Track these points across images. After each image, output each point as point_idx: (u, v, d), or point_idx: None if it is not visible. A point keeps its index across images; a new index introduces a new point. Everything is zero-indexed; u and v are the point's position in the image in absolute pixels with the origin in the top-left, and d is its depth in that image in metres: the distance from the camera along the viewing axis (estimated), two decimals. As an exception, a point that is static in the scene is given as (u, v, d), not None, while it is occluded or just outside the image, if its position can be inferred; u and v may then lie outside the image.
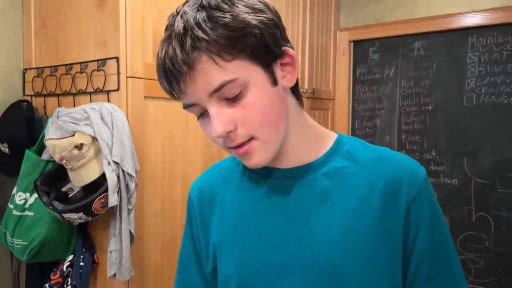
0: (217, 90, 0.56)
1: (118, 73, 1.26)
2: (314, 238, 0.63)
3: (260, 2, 0.59)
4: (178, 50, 0.55)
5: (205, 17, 0.55)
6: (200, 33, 0.54)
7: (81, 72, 1.35)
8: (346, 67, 2.61)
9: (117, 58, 1.25)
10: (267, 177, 0.69)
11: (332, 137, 0.70)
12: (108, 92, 1.28)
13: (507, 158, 2.15)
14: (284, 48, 0.61)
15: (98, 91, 1.30)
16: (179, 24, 0.56)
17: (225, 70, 0.55)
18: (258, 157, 0.61)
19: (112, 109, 1.24)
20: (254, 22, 0.56)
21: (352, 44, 2.60)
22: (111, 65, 1.27)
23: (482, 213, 2.21)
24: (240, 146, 0.60)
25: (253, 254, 0.67)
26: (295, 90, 0.67)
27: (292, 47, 0.63)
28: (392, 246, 0.62)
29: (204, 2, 0.57)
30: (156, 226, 1.39)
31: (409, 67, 2.43)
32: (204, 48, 0.54)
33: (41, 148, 1.36)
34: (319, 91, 2.41)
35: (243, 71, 0.56)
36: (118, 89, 1.26)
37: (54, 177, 1.29)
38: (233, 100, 0.57)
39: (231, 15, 0.55)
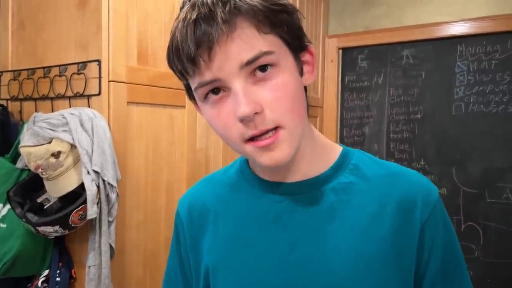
0: (251, 61, 0.50)
1: (100, 77, 1.19)
2: (321, 260, 0.57)
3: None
4: (218, 10, 0.49)
5: None
6: None
7: (60, 76, 1.27)
8: (334, 74, 2.58)
9: (98, 61, 1.19)
10: (268, 192, 0.63)
11: (337, 149, 0.65)
12: (88, 96, 1.21)
13: (495, 167, 2.14)
14: (307, 43, 0.58)
15: (78, 95, 1.23)
16: None
17: (263, 41, 0.51)
18: (283, 151, 0.53)
19: (93, 115, 1.17)
20: (289, 4, 0.54)
21: (340, 51, 2.58)
22: (92, 68, 1.20)
23: (471, 223, 2.19)
24: (263, 136, 0.52)
25: (253, 278, 0.60)
26: (305, 96, 0.61)
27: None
28: (404, 270, 0.57)
29: None
30: (138, 238, 1.32)
31: (397, 75, 2.41)
32: (246, 12, 0.50)
33: (16, 155, 1.27)
34: (308, 98, 2.36)
35: (278, 48, 0.52)
36: (99, 94, 1.20)
37: (29, 187, 1.21)
38: (261, 80, 0.52)
39: None
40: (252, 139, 0.53)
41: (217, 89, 0.53)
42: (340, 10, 2.58)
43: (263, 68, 0.51)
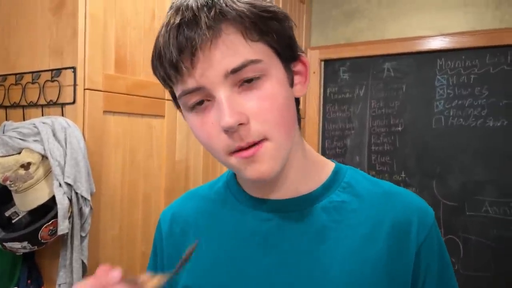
0: (236, 70, 0.47)
1: (75, 85, 1.14)
2: (310, 284, 0.54)
3: None
4: (202, 15, 0.46)
5: None
6: (229, 2, 0.47)
7: (32, 83, 1.21)
8: (316, 86, 2.58)
9: (74, 68, 1.14)
10: (255, 208, 0.59)
11: (329, 166, 0.61)
12: (62, 105, 1.16)
13: (474, 180, 2.15)
14: (300, 53, 0.55)
15: (51, 103, 1.18)
16: None
17: (250, 49, 0.48)
18: (267, 164, 0.50)
19: (66, 124, 1.11)
20: (280, 11, 0.51)
21: (323, 63, 2.58)
22: (67, 76, 1.15)
23: (451, 236, 2.20)
24: (248, 148, 0.49)
25: None
26: (297, 108, 0.58)
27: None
28: None
29: None
30: (113, 254, 1.26)
31: (379, 87, 2.42)
32: (233, 18, 0.47)
33: (-17, 166, 1.20)
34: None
35: (267, 56, 0.49)
36: (74, 102, 1.14)
37: (-4, 199, 1.14)
38: (248, 89, 0.49)
39: None
40: (236, 150, 0.50)
41: (202, 100, 0.50)
42: (323, 22, 2.59)
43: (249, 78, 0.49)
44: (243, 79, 0.48)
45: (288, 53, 0.53)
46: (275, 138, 0.50)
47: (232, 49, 0.47)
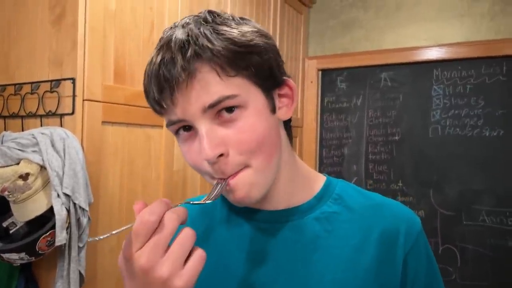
0: (213, 105, 0.50)
1: (74, 96, 1.14)
2: None
3: (264, 29, 0.56)
4: (178, 57, 0.49)
5: (211, 30, 0.51)
6: (205, 42, 0.49)
7: (32, 93, 1.22)
8: (314, 95, 2.59)
9: (73, 79, 1.14)
10: (250, 219, 0.61)
11: (320, 179, 0.64)
12: (61, 116, 1.16)
13: (471, 189, 2.16)
14: (285, 78, 0.57)
15: (50, 114, 1.18)
16: (180, 33, 0.51)
17: (226, 85, 0.50)
18: (244, 192, 0.53)
19: (65, 135, 1.12)
20: (261, 43, 0.52)
21: (320, 72, 2.59)
22: (66, 87, 1.16)
23: (448, 245, 2.20)
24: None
25: None
26: (287, 126, 0.61)
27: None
28: None
29: (208, 17, 0.52)
30: (111, 264, 1.25)
31: (376, 97, 2.44)
32: (208, 58, 0.50)
33: (-19, 176, 1.20)
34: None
35: (244, 90, 0.51)
36: (73, 113, 1.15)
37: (-6, 210, 1.14)
38: (228, 121, 0.51)
39: (238, 31, 0.52)
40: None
41: (188, 126, 0.53)
42: (320, 33, 2.61)
43: (229, 109, 0.51)
44: (221, 112, 0.51)
45: (269, 82, 0.55)
46: (254, 165, 0.53)
47: (206, 88, 0.50)
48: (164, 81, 0.50)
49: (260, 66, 0.52)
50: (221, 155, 0.51)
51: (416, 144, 2.31)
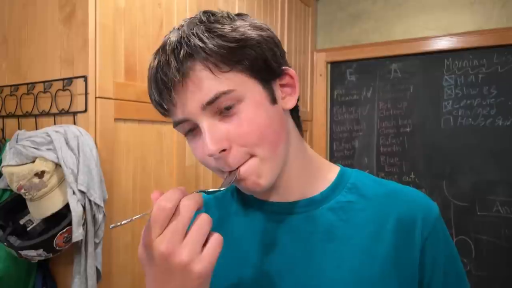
0: (211, 102, 0.51)
1: (86, 93, 1.15)
2: (321, 281, 0.56)
3: (261, 23, 0.57)
4: (171, 58, 0.51)
5: (203, 29, 0.52)
6: (196, 41, 0.51)
7: (44, 92, 1.23)
8: (323, 88, 2.58)
9: (85, 77, 1.15)
10: (265, 211, 0.61)
11: (334, 169, 0.64)
12: (74, 113, 1.17)
13: (485, 180, 2.14)
14: (284, 67, 0.57)
15: (63, 112, 1.19)
16: (174, 36, 0.53)
17: (220, 81, 0.51)
18: (254, 178, 0.54)
19: (79, 133, 1.12)
20: (253, 35, 0.53)
21: (329, 65, 2.58)
22: (78, 85, 1.16)
23: (463, 237, 2.19)
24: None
25: None
26: (295, 116, 0.61)
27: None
28: None
29: (203, 17, 0.54)
30: (126, 260, 1.27)
31: (386, 89, 2.42)
32: (200, 56, 0.51)
33: (-2, 175, 1.22)
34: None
35: (240, 84, 0.52)
36: (85, 111, 1.16)
37: (11, 208, 1.15)
38: (228, 116, 0.52)
39: (230, 27, 0.52)
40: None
41: (193, 127, 0.55)
42: (328, 25, 2.60)
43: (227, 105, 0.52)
44: (221, 108, 0.52)
45: (266, 74, 0.55)
46: (259, 154, 0.53)
47: (200, 86, 0.51)
48: (162, 84, 0.52)
49: (254, 59, 0.53)
50: (224, 150, 0.52)
51: (428, 136, 2.30)
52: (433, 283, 0.58)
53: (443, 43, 2.24)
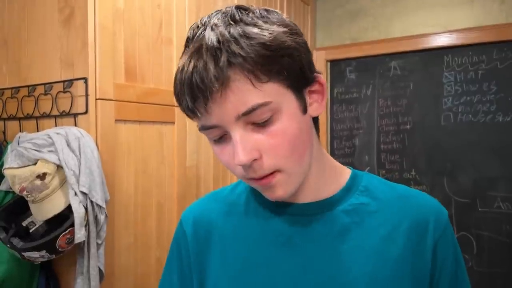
0: (247, 113, 0.50)
1: (87, 95, 1.16)
2: (334, 284, 0.56)
3: (292, 23, 0.55)
4: (211, 65, 0.48)
5: (241, 33, 0.49)
6: (237, 49, 0.48)
7: (45, 94, 1.24)
8: (323, 87, 2.58)
9: (85, 79, 1.16)
10: (278, 213, 0.62)
11: (346, 171, 0.64)
12: (75, 115, 1.18)
13: (486, 176, 2.14)
14: (315, 74, 0.56)
15: (64, 114, 1.20)
16: (211, 37, 0.50)
17: (258, 92, 0.49)
18: (282, 190, 0.55)
19: (80, 134, 1.13)
20: (292, 43, 0.51)
21: (329, 63, 2.58)
22: (78, 86, 1.17)
23: (464, 233, 2.19)
24: (262, 177, 0.54)
25: None
26: (315, 120, 0.61)
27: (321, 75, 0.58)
28: None
29: (236, 16, 0.51)
30: (128, 261, 1.27)
31: (386, 86, 2.42)
32: (240, 65, 0.48)
33: (0, 178, 1.23)
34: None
35: (277, 95, 0.51)
36: (86, 112, 1.16)
37: (14, 210, 1.16)
38: (261, 126, 0.51)
39: (269, 33, 0.50)
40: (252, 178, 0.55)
41: (222, 134, 0.54)
42: (327, 23, 2.60)
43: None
44: (255, 121, 0.51)
45: (300, 82, 0.54)
46: (286, 168, 0.53)
47: (240, 96, 0.49)
48: (198, 91, 0.49)
49: (292, 67, 0.52)
50: (254, 160, 0.51)
51: (428, 132, 2.30)
52: (441, 283, 0.58)
53: (443, 40, 2.24)
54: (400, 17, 2.38)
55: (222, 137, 0.54)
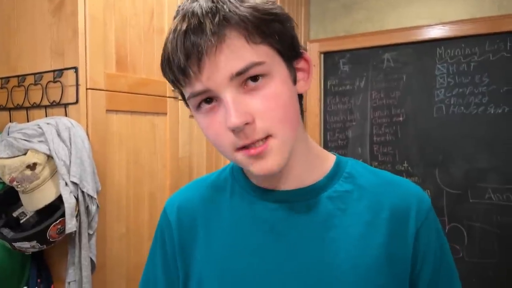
0: (241, 72, 0.50)
1: (77, 85, 1.15)
2: (319, 269, 0.56)
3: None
4: (207, 21, 0.49)
5: None
6: (232, 7, 0.49)
7: (35, 84, 1.22)
8: (317, 79, 2.58)
9: (75, 68, 1.15)
10: (263, 199, 0.61)
11: (331, 158, 0.64)
12: (65, 105, 1.17)
13: (477, 168, 2.16)
14: (302, 51, 0.57)
15: (54, 104, 1.19)
16: (205, 2, 0.50)
17: (253, 51, 0.50)
18: (273, 160, 0.53)
19: (70, 124, 1.12)
20: (282, 12, 0.53)
21: (322, 55, 2.58)
22: (69, 76, 1.16)
23: (455, 224, 2.21)
24: (254, 145, 0.52)
25: None
26: (300, 103, 0.60)
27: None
28: (400, 276, 0.58)
29: None
30: (121, 251, 1.27)
31: (379, 78, 2.42)
32: (236, 23, 0.49)
33: (-11, 168, 1.22)
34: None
35: (270, 58, 0.52)
36: (76, 102, 1.15)
37: (4, 200, 1.15)
38: (253, 90, 0.51)
39: (260, 0, 0.52)
40: (243, 147, 0.53)
41: (210, 98, 0.53)
42: (321, 15, 2.59)
43: (254, 78, 0.51)
44: (248, 77, 0.51)
45: (290, 52, 0.55)
46: (279, 134, 0.52)
47: (236, 53, 0.49)
48: (192, 47, 0.49)
49: (283, 34, 0.53)
50: (247, 123, 0.50)
51: (420, 124, 2.31)
52: (423, 271, 0.59)
53: (435, 32, 2.24)
54: (394, 9, 2.38)
55: (208, 107, 0.53)
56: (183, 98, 0.58)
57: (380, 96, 2.42)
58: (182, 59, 0.50)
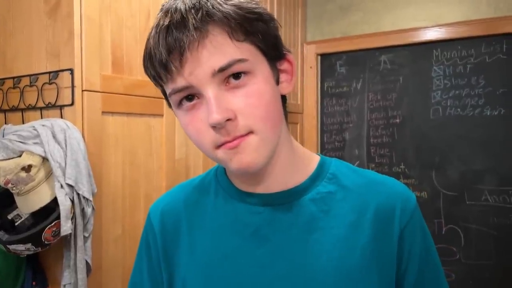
0: (223, 68, 0.49)
1: (73, 86, 1.14)
2: (302, 272, 0.56)
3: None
4: (190, 16, 0.49)
5: None
6: (216, 4, 0.50)
7: (30, 86, 1.22)
8: (313, 81, 2.58)
9: (71, 70, 1.14)
10: (246, 202, 0.61)
11: (315, 159, 0.64)
12: (61, 107, 1.16)
13: (473, 169, 2.16)
14: (285, 52, 0.57)
15: (49, 106, 1.18)
16: None
17: (236, 48, 0.50)
18: (251, 156, 0.52)
19: (66, 126, 1.12)
20: (265, 12, 0.53)
21: (319, 57, 2.58)
22: (64, 78, 1.15)
23: (452, 226, 2.21)
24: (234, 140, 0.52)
25: None
26: (284, 105, 0.60)
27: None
28: (386, 277, 0.57)
29: None
30: (116, 254, 1.26)
31: (376, 80, 2.43)
32: (219, 19, 0.49)
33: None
34: (287, 104, 2.35)
35: (253, 56, 0.52)
36: (72, 104, 1.15)
37: (-1, 203, 1.15)
38: (235, 87, 0.51)
39: (244, 0, 0.53)
40: (223, 144, 0.52)
41: (191, 95, 0.52)
42: (318, 17, 2.59)
43: (236, 75, 0.51)
44: (230, 74, 0.50)
45: (273, 52, 0.55)
46: (260, 131, 0.52)
47: (218, 49, 0.49)
48: (174, 42, 0.48)
49: (267, 33, 0.53)
50: (229, 119, 0.50)
51: (417, 126, 2.31)
52: (409, 271, 0.58)
53: (432, 34, 2.25)
54: (390, 11, 2.38)
55: (193, 106, 0.52)
56: (165, 96, 0.57)
57: (376, 98, 2.43)
58: (164, 54, 0.49)
